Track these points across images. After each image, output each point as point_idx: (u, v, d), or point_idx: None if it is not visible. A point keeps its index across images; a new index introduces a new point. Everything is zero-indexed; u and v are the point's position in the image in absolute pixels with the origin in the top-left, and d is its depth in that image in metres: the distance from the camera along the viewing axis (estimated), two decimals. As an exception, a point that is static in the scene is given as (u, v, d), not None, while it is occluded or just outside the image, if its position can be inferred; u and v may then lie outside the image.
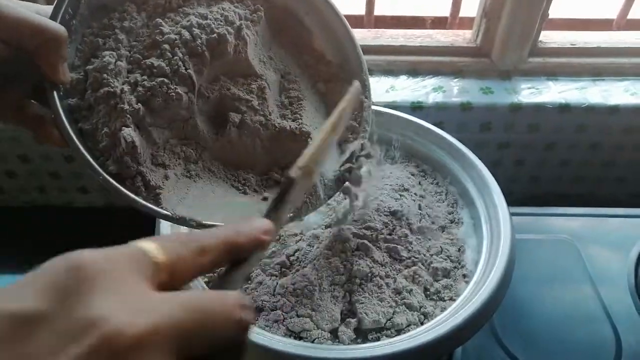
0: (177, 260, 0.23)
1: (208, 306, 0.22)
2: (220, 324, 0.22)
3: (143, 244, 0.23)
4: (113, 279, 0.20)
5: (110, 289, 0.20)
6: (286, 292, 0.47)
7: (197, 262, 0.24)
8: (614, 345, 0.59)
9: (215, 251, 0.25)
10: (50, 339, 0.18)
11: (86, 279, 0.20)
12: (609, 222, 0.75)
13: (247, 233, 0.27)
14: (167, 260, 0.23)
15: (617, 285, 0.66)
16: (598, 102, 0.80)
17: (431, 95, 0.80)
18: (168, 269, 0.23)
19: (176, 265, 0.23)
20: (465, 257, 0.53)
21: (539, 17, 0.78)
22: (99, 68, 0.41)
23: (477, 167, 0.57)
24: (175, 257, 0.23)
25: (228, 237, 0.26)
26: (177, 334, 0.20)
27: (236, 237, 0.26)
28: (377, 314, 0.46)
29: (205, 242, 0.25)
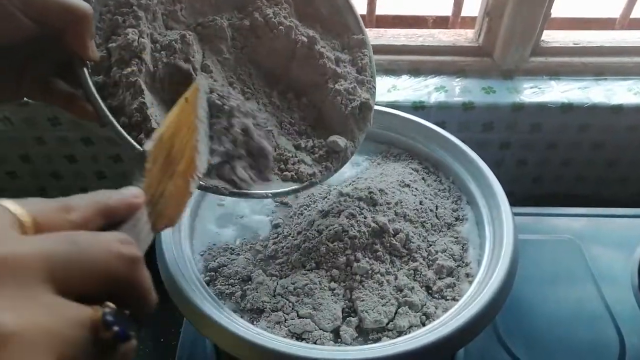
0: (40, 215, 0.23)
1: (80, 237, 0.22)
2: (95, 255, 0.22)
3: (3, 202, 0.23)
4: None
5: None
6: (286, 291, 0.47)
7: (66, 219, 0.24)
8: (617, 346, 0.59)
9: (84, 209, 0.25)
10: None
11: None
12: (612, 222, 0.75)
13: (116, 196, 0.27)
14: (30, 215, 0.23)
15: (620, 285, 0.66)
16: (601, 102, 0.80)
17: (433, 95, 0.80)
18: (33, 224, 0.23)
19: (41, 220, 0.23)
20: (468, 256, 0.53)
21: (542, 16, 0.78)
22: (123, 46, 0.42)
23: (480, 167, 0.57)
24: (38, 212, 0.23)
25: (97, 198, 0.26)
26: (47, 264, 0.20)
27: (105, 198, 0.26)
28: (378, 313, 0.46)
29: (71, 200, 0.25)
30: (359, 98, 0.51)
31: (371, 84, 0.53)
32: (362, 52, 0.53)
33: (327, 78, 0.51)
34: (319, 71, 0.51)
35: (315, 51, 0.50)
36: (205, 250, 0.52)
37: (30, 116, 0.80)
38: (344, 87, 0.51)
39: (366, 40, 0.54)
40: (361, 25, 0.54)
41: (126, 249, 0.23)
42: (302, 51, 0.50)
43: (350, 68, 0.53)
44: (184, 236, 0.52)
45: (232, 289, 0.48)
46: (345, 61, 0.53)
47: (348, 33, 0.54)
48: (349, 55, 0.53)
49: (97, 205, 0.26)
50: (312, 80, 0.52)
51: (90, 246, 0.22)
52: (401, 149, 0.65)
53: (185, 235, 0.52)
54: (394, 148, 0.65)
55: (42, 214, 0.23)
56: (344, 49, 0.54)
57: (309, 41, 0.50)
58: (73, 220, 0.24)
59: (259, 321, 0.46)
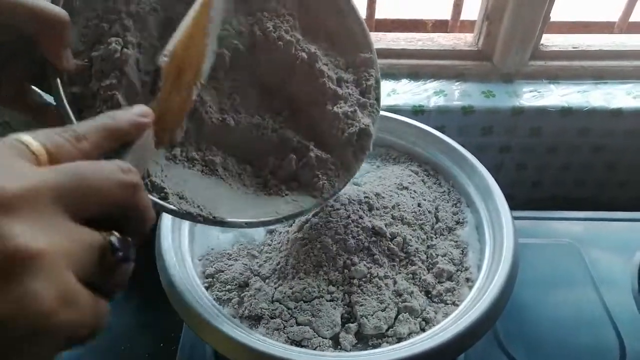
0: (53, 147, 0.24)
1: (83, 168, 0.24)
2: (99, 183, 0.24)
3: (17, 135, 0.24)
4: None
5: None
6: (284, 297, 0.47)
7: (76, 148, 0.25)
8: (617, 350, 0.59)
9: (94, 136, 0.26)
10: None
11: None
12: (612, 226, 0.75)
13: (124, 117, 0.28)
14: (43, 146, 0.24)
15: (620, 289, 0.66)
16: (600, 105, 0.80)
17: (433, 99, 0.80)
18: (46, 155, 0.24)
19: (53, 151, 0.24)
20: (468, 260, 0.52)
21: (541, 20, 0.78)
22: (104, 56, 0.39)
23: (479, 172, 0.57)
24: (50, 143, 0.24)
25: (105, 122, 0.27)
26: (57, 193, 0.22)
27: (114, 122, 0.28)
28: (378, 319, 0.46)
29: (81, 129, 0.26)
30: (358, 124, 0.47)
31: (374, 107, 0.50)
32: (369, 72, 0.50)
33: (326, 99, 0.48)
34: (319, 90, 0.48)
35: (316, 69, 0.47)
36: (204, 255, 0.52)
37: (29, 120, 0.80)
38: (342, 111, 0.47)
39: (374, 60, 0.50)
40: (370, 43, 0.51)
41: (127, 177, 0.25)
42: (302, 68, 0.47)
43: (353, 89, 0.50)
44: (184, 241, 0.52)
45: (230, 295, 0.48)
46: (349, 81, 0.50)
47: (355, 50, 0.50)
48: (354, 75, 0.50)
49: (107, 131, 0.27)
50: (311, 98, 0.48)
51: (94, 176, 0.24)
52: (400, 152, 0.65)
53: (185, 240, 0.52)
54: (393, 151, 0.65)
55: (54, 145, 0.24)
56: (349, 67, 0.51)
57: (309, 58, 0.47)
58: (83, 148, 0.26)
59: (257, 327, 0.46)
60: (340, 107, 0.48)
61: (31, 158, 0.23)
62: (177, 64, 0.33)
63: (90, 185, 0.23)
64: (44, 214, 0.21)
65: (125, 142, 0.28)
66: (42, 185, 0.22)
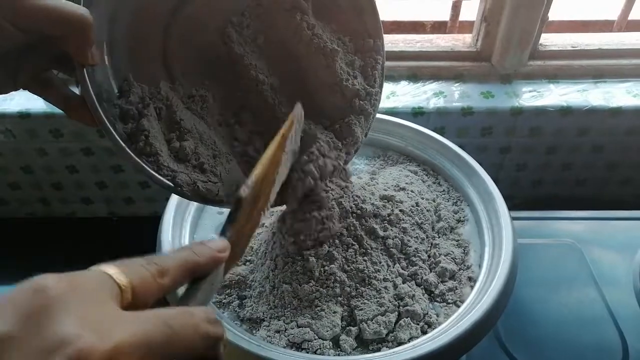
0: (138, 282, 0.24)
1: (174, 320, 0.23)
2: (186, 337, 0.23)
3: (105, 268, 0.24)
4: (79, 300, 0.21)
5: (78, 309, 0.20)
6: (284, 301, 0.47)
7: (158, 283, 0.25)
8: (620, 350, 0.59)
9: (174, 271, 0.26)
10: (22, 356, 0.18)
11: (53, 300, 0.20)
12: (613, 225, 0.75)
13: (204, 253, 0.29)
14: (129, 282, 0.24)
15: (622, 288, 0.65)
16: (600, 105, 0.80)
17: (432, 101, 0.80)
18: (131, 291, 0.24)
19: (138, 287, 0.24)
20: (470, 258, 0.52)
21: (539, 19, 0.78)
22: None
23: (478, 174, 0.57)
24: (136, 279, 0.24)
25: (186, 258, 0.28)
26: (145, 349, 0.21)
27: (194, 257, 0.28)
28: (377, 324, 0.46)
29: (165, 263, 0.26)
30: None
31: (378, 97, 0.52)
32: (375, 58, 0.51)
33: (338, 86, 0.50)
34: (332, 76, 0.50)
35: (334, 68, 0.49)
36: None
37: (31, 128, 0.80)
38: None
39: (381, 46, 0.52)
40: (380, 28, 0.51)
41: (213, 329, 0.25)
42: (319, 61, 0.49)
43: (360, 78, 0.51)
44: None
45: (230, 299, 0.49)
46: (356, 67, 0.51)
47: (364, 35, 0.51)
48: (361, 61, 0.52)
49: (187, 266, 0.27)
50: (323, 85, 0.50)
51: (182, 329, 0.23)
52: (399, 154, 0.65)
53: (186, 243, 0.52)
54: (391, 152, 0.65)
55: (139, 279, 0.24)
56: (357, 52, 0.52)
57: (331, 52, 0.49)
58: (164, 284, 0.26)
59: (258, 330, 0.46)
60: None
61: (117, 294, 0.23)
62: (256, 194, 0.35)
63: (178, 339, 0.23)
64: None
65: (200, 276, 0.29)
66: (134, 340, 0.21)
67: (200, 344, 0.24)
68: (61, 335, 0.19)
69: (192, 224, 0.55)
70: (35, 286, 0.21)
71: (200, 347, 0.24)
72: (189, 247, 0.29)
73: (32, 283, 0.21)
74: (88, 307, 0.21)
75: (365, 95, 0.51)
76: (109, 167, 0.86)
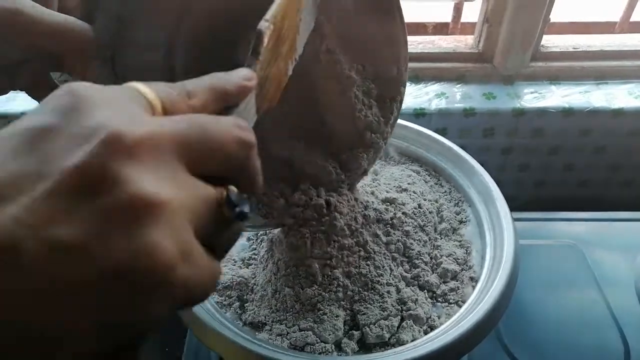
0: (168, 101, 0.24)
1: (204, 121, 0.23)
2: (219, 138, 0.23)
3: (135, 84, 0.23)
4: (111, 101, 0.21)
5: (110, 107, 0.21)
6: (286, 304, 0.47)
7: (187, 104, 0.25)
8: (621, 351, 0.59)
9: (202, 94, 0.26)
10: (63, 141, 0.19)
11: (87, 98, 0.21)
12: (615, 226, 0.75)
13: (231, 80, 0.28)
14: (158, 98, 0.23)
15: (624, 290, 0.65)
16: (602, 106, 0.80)
17: (434, 102, 0.80)
18: (160, 107, 0.23)
19: (168, 104, 0.24)
20: (472, 259, 0.52)
21: (541, 21, 0.78)
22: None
23: (480, 175, 0.57)
24: (165, 96, 0.24)
25: (214, 83, 0.27)
26: (179, 142, 0.21)
27: (222, 83, 0.27)
28: (380, 327, 0.45)
29: (192, 87, 0.26)
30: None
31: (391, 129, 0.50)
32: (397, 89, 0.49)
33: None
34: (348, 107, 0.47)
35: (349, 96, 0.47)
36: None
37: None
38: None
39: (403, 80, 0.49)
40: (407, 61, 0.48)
41: (244, 134, 0.24)
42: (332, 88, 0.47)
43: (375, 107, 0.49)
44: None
45: (230, 301, 0.49)
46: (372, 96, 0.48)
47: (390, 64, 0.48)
48: (379, 89, 0.49)
49: (215, 91, 0.27)
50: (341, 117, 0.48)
51: (215, 129, 0.23)
52: (401, 154, 0.65)
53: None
54: (393, 153, 0.65)
55: (169, 98, 0.24)
56: (377, 79, 0.48)
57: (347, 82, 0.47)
58: (193, 105, 0.25)
59: (260, 332, 0.46)
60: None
61: (147, 107, 0.23)
62: (276, 32, 0.33)
63: (212, 138, 0.23)
64: (164, 163, 0.20)
65: (229, 104, 0.28)
66: (164, 133, 0.21)
67: (235, 147, 0.23)
68: (96, 123, 0.19)
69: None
70: (68, 89, 0.21)
71: (233, 150, 0.23)
72: (217, 74, 0.28)
73: (65, 87, 0.21)
74: (120, 107, 0.21)
75: (378, 127, 0.49)
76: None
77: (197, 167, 0.22)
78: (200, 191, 0.22)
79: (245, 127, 0.25)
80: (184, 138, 0.21)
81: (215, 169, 0.23)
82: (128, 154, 0.19)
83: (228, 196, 0.23)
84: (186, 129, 0.22)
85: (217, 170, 0.23)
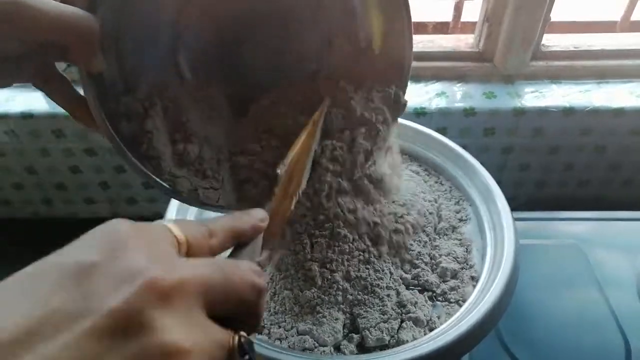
0: (193, 239, 0.26)
1: (226, 267, 0.25)
2: (237, 284, 0.25)
3: (165, 223, 0.26)
4: (147, 242, 0.24)
5: (146, 248, 0.23)
6: (285, 307, 0.47)
7: (209, 244, 0.28)
8: (623, 351, 0.59)
9: (222, 234, 0.29)
10: (106, 281, 0.21)
11: (126, 238, 0.23)
12: (616, 226, 0.75)
13: (248, 220, 0.31)
14: (185, 237, 0.26)
15: (625, 289, 0.65)
16: (602, 105, 0.79)
17: (434, 101, 0.80)
18: (186, 245, 0.26)
19: (192, 243, 0.26)
20: (472, 258, 0.52)
21: (541, 20, 0.78)
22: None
23: (481, 174, 0.57)
24: (191, 235, 0.26)
25: (233, 224, 0.30)
26: (204, 288, 0.23)
27: (240, 224, 0.31)
28: (380, 330, 0.45)
29: (214, 226, 0.29)
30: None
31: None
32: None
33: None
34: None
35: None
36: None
37: (34, 129, 0.80)
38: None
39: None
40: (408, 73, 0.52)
41: (258, 280, 0.26)
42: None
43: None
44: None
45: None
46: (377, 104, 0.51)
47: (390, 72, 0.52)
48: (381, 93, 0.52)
49: (233, 230, 0.30)
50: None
51: (234, 275, 0.25)
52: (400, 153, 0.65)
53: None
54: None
55: (193, 237, 0.27)
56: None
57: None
58: (213, 245, 0.28)
59: (260, 334, 0.46)
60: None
61: (176, 246, 0.25)
62: (289, 174, 0.37)
63: (232, 284, 0.25)
64: (190, 309, 0.22)
65: (243, 242, 0.31)
66: (193, 279, 0.23)
67: (246, 292, 0.25)
68: (134, 267, 0.22)
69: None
70: (111, 227, 0.24)
71: (247, 295, 0.25)
72: (236, 215, 0.31)
73: (109, 224, 0.24)
74: (154, 248, 0.23)
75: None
76: (112, 167, 0.87)
77: (214, 308, 0.24)
78: (217, 336, 0.24)
79: (259, 272, 0.27)
80: (208, 283, 0.24)
81: (228, 312, 0.25)
82: (162, 301, 0.21)
83: (240, 342, 0.25)
84: (210, 275, 0.24)
85: (230, 312, 0.25)
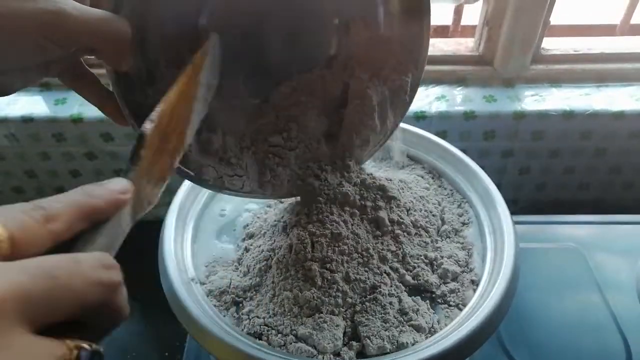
0: (19, 231, 0.21)
1: (59, 270, 0.21)
2: (75, 287, 0.21)
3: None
4: None
5: None
6: (285, 309, 0.46)
7: (46, 229, 0.22)
8: (623, 355, 0.59)
9: (67, 216, 0.23)
10: None
11: None
12: (616, 229, 0.75)
13: (102, 194, 0.26)
14: (5, 229, 0.21)
15: (625, 293, 0.65)
16: (602, 109, 0.79)
17: (434, 105, 0.80)
18: (9, 241, 0.21)
19: (19, 236, 0.21)
20: (473, 261, 0.52)
21: (541, 24, 0.78)
22: None
23: (481, 178, 0.57)
24: (16, 226, 0.21)
25: (78, 201, 0.24)
26: (22, 302, 0.19)
27: (89, 200, 0.25)
28: (381, 338, 0.44)
29: (54, 207, 0.23)
30: None
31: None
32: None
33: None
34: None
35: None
36: (207, 264, 0.52)
37: (34, 132, 0.80)
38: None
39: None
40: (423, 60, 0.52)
41: (106, 275, 0.22)
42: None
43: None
44: (187, 252, 0.52)
45: (226, 305, 0.48)
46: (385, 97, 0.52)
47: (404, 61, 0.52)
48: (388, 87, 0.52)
49: (80, 210, 0.24)
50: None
51: (70, 278, 0.21)
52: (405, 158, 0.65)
53: (188, 249, 0.52)
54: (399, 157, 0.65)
55: (20, 227, 0.21)
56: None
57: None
58: (55, 230, 0.23)
59: (260, 339, 0.46)
60: None
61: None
62: (161, 131, 0.31)
63: (63, 289, 0.20)
64: (5, 330, 0.18)
65: (100, 220, 0.26)
66: (7, 293, 0.19)
67: (92, 293, 0.21)
68: None
69: (194, 228, 0.55)
70: None
71: (93, 296, 0.21)
72: (82, 189, 0.25)
73: None
74: None
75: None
76: (112, 171, 0.87)
77: (44, 322, 0.20)
78: (45, 353, 0.19)
79: (110, 264, 0.22)
80: (27, 297, 0.19)
81: (67, 317, 0.21)
82: None
83: (79, 356, 0.20)
84: (33, 284, 0.19)
85: (70, 317, 0.21)
